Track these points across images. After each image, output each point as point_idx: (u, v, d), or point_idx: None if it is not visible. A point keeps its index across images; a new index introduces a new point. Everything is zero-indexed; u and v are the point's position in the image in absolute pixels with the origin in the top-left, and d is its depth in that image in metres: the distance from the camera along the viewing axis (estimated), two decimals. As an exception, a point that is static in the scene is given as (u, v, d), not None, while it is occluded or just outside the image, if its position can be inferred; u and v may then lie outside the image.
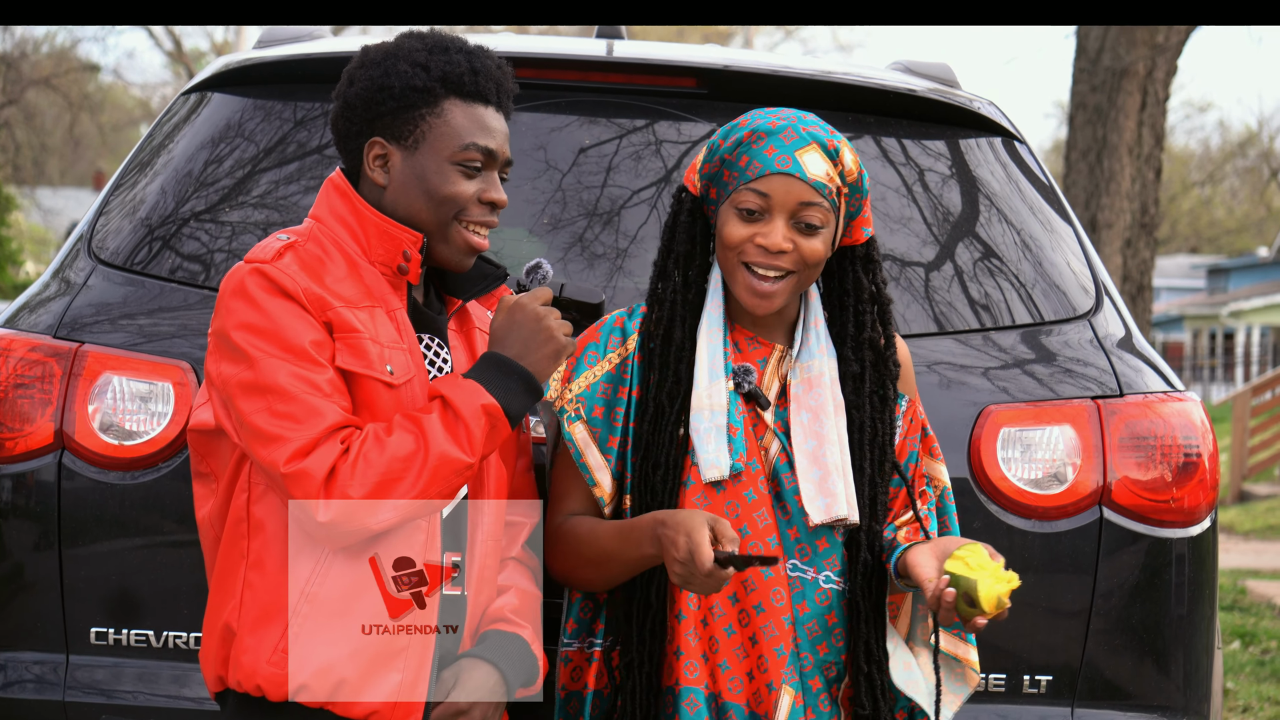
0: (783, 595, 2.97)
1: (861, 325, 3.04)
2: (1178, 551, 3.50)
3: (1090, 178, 12.42)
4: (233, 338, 2.76)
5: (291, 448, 2.70)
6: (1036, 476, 3.44)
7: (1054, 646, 3.45)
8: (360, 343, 2.80)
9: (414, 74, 2.86)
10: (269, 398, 2.72)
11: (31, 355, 3.40)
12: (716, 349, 3.02)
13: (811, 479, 2.96)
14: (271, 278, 2.78)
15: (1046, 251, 3.69)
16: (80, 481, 3.37)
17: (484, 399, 2.77)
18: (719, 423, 2.97)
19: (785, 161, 2.94)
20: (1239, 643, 9.01)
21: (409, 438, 2.73)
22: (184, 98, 3.86)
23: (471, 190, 2.88)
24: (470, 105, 2.87)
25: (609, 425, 3.05)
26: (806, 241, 2.96)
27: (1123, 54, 12.30)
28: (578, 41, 4.13)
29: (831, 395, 3.00)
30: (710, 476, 2.96)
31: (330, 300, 2.80)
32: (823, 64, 4.12)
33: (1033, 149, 3.93)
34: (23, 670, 3.39)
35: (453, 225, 2.88)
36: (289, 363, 2.73)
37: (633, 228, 3.58)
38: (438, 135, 2.86)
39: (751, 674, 2.97)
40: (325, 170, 3.61)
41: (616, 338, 3.09)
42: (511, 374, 2.82)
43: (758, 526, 2.97)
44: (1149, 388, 3.54)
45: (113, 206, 3.68)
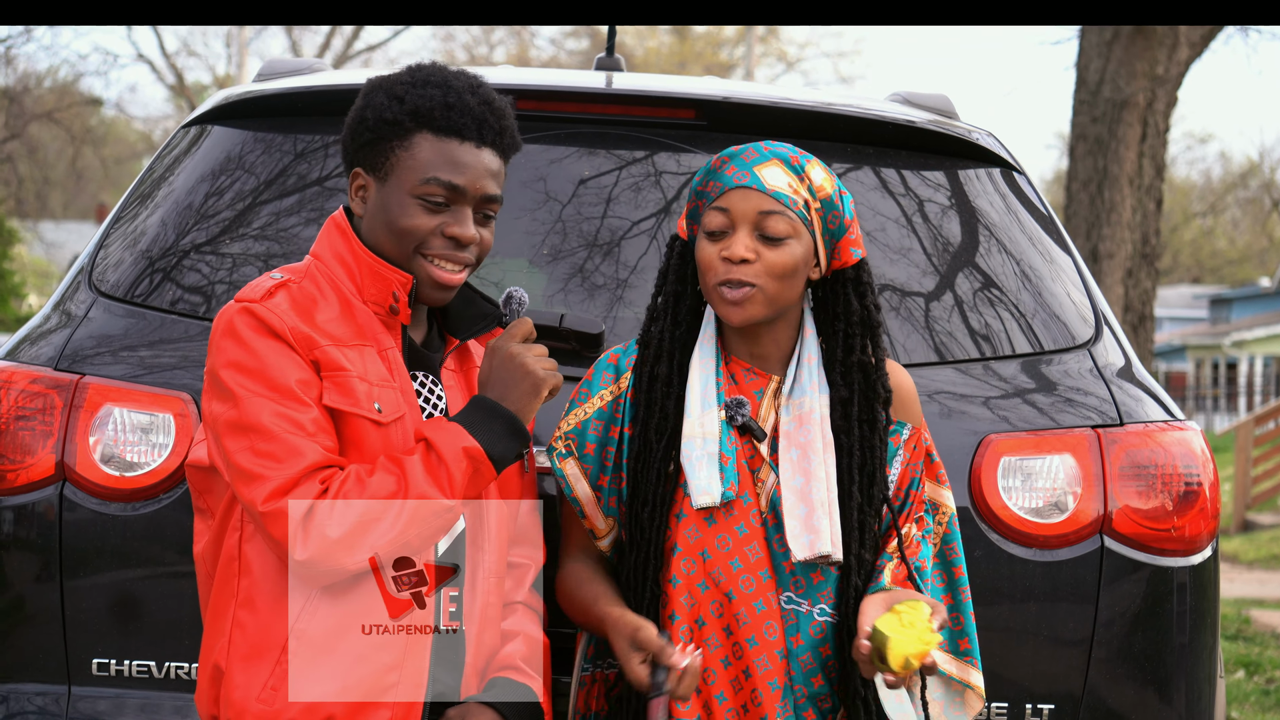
0: (775, 629, 2.97)
1: (850, 348, 3.04)
2: (1179, 580, 3.50)
3: (1091, 208, 12.44)
4: (221, 376, 2.78)
5: (270, 486, 2.71)
6: (1037, 505, 3.44)
7: (1056, 675, 3.45)
8: (348, 381, 2.80)
9: (388, 106, 2.87)
10: (251, 436, 2.74)
11: (33, 387, 3.41)
12: (709, 379, 3.03)
13: (797, 516, 2.97)
14: (259, 316, 2.79)
15: (1046, 281, 3.69)
16: (81, 513, 3.37)
17: (466, 441, 2.78)
18: (710, 450, 2.98)
19: (743, 176, 2.98)
20: (1243, 672, 8.99)
21: (390, 479, 2.74)
22: (184, 130, 3.87)
23: (431, 224, 2.86)
24: (442, 140, 2.86)
25: (600, 463, 3.06)
26: (770, 252, 2.97)
27: (1123, 85, 12.33)
28: (577, 74, 4.14)
29: (821, 432, 3.00)
30: (701, 503, 2.96)
31: (318, 339, 2.80)
32: (823, 95, 4.13)
33: (1031, 180, 3.94)
34: (25, 702, 3.39)
35: (415, 259, 2.88)
36: (273, 401, 2.75)
37: (633, 258, 3.59)
38: (404, 168, 2.87)
39: (745, 707, 2.97)
40: (325, 202, 3.62)
41: (609, 374, 3.10)
42: (496, 417, 2.82)
43: (749, 560, 2.98)
44: (1149, 417, 3.55)
45: (113, 239, 3.69)
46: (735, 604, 2.97)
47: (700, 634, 2.97)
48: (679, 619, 2.98)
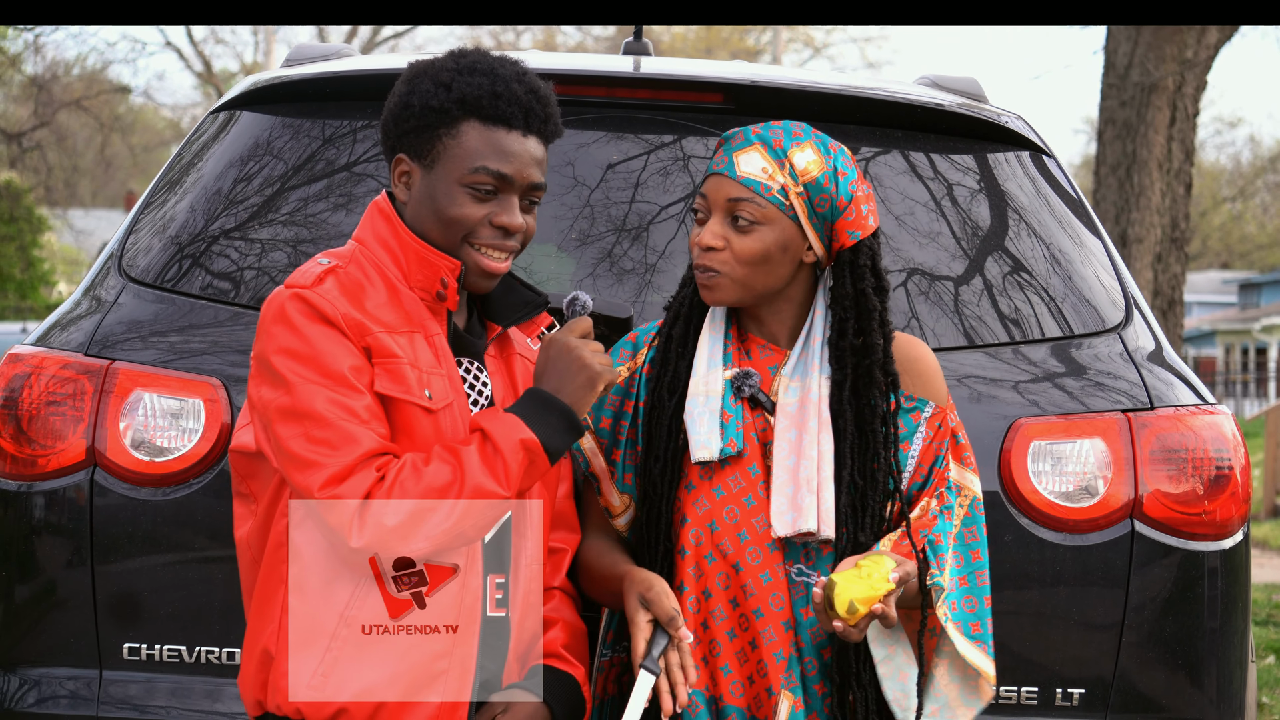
0: (781, 600, 2.98)
1: (843, 332, 3.04)
2: (1210, 564, 3.49)
3: (1120, 193, 12.39)
4: (272, 363, 2.77)
5: (326, 473, 2.70)
6: (1067, 489, 3.43)
7: (1086, 660, 3.44)
8: (399, 368, 2.80)
9: (435, 93, 2.86)
10: (306, 423, 2.73)
11: (63, 373, 3.42)
12: (717, 340, 3.06)
13: (785, 494, 2.97)
14: (311, 303, 2.78)
15: (1076, 265, 3.68)
16: (112, 498, 3.39)
17: (523, 434, 2.76)
18: (713, 407, 3.00)
19: (720, 162, 3.01)
20: (1274, 658, 8.96)
21: (446, 469, 2.73)
22: (213, 116, 3.88)
23: (480, 214, 2.85)
24: (490, 129, 2.85)
25: (613, 438, 3.09)
26: (739, 239, 2.98)
27: (1151, 69, 12.28)
28: (605, 58, 4.14)
29: (817, 412, 3.01)
30: (699, 457, 2.98)
31: (370, 325, 2.80)
32: (850, 79, 4.12)
33: (1061, 163, 3.92)
34: (56, 686, 3.40)
35: (463, 247, 2.87)
36: (327, 388, 2.74)
37: (661, 243, 3.59)
38: (451, 156, 2.86)
39: (751, 678, 2.98)
40: (354, 187, 3.62)
41: (628, 351, 3.13)
42: (552, 409, 2.81)
43: (756, 532, 2.99)
44: (1179, 401, 3.53)
45: (143, 225, 3.70)
46: (742, 575, 2.98)
47: (707, 605, 2.98)
48: (687, 590, 2.99)
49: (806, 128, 3.03)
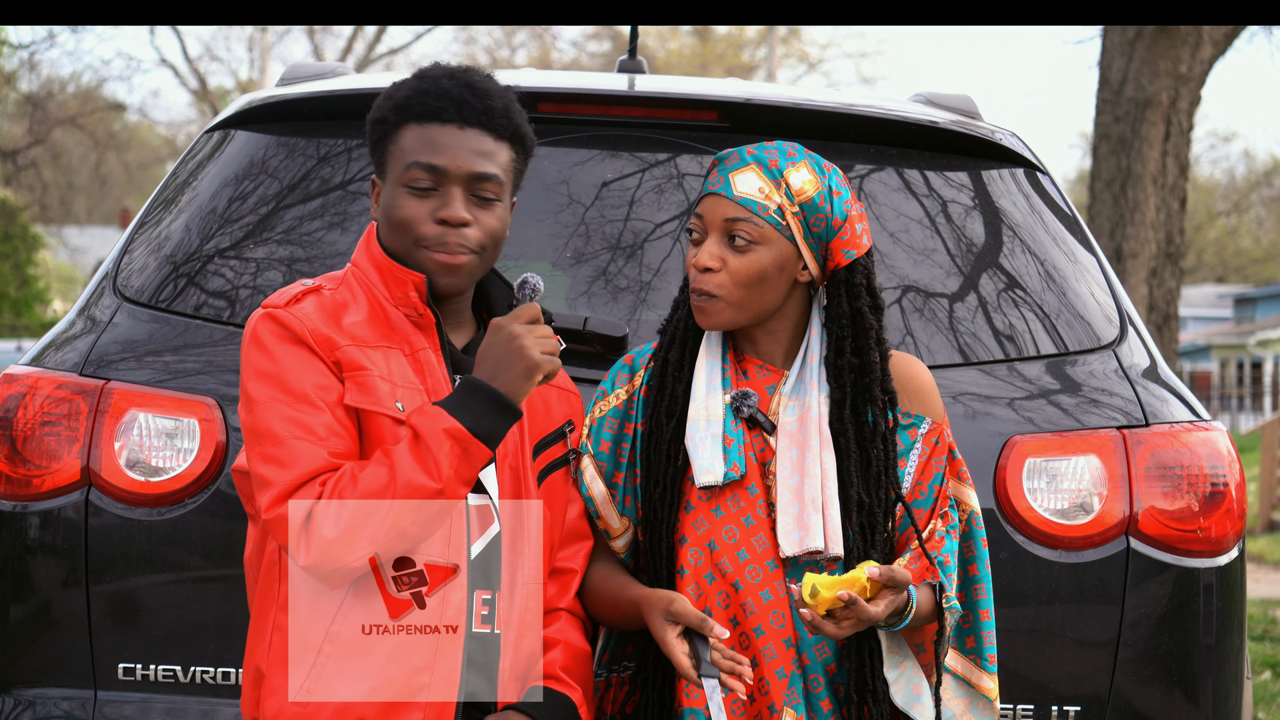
0: (782, 618, 2.98)
1: (840, 350, 3.04)
2: (1205, 581, 3.49)
3: (1115, 208, 12.40)
4: (245, 384, 2.80)
5: (273, 493, 2.72)
6: (1062, 507, 3.43)
7: (1082, 677, 3.44)
8: (369, 380, 2.80)
9: (379, 107, 2.90)
10: (263, 442, 2.75)
11: (58, 393, 3.42)
12: (715, 364, 3.06)
13: (790, 513, 2.98)
14: (281, 322, 2.80)
15: (1070, 282, 3.68)
16: (107, 518, 3.38)
17: (446, 423, 2.74)
18: (714, 432, 3.00)
19: (716, 182, 3.01)
20: (1270, 673, 8.96)
21: (381, 470, 2.73)
22: (207, 135, 3.88)
23: (422, 211, 2.85)
24: (423, 126, 2.86)
25: (614, 460, 3.08)
26: (737, 259, 2.99)
27: (1146, 84, 12.29)
28: (600, 76, 4.14)
29: (818, 431, 3.01)
30: (704, 481, 2.98)
31: (338, 340, 2.81)
32: (845, 96, 4.13)
33: (1055, 179, 3.93)
34: (51, 706, 3.40)
35: (418, 252, 2.87)
36: (285, 405, 2.75)
37: (656, 261, 3.59)
38: (394, 161, 2.88)
39: (753, 697, 2.98)
40: (348, 206, 3.63)
41: (624, 374, 3.13)
42: (479, 394, 2.78)
43: (756, 551, 2.99)
44: (1174, 417, 3.53)
45: (137, 244, 3.70)
46: (741, 594, 2.98)
47: None
48: None
49: (800, 148, 3.04)
